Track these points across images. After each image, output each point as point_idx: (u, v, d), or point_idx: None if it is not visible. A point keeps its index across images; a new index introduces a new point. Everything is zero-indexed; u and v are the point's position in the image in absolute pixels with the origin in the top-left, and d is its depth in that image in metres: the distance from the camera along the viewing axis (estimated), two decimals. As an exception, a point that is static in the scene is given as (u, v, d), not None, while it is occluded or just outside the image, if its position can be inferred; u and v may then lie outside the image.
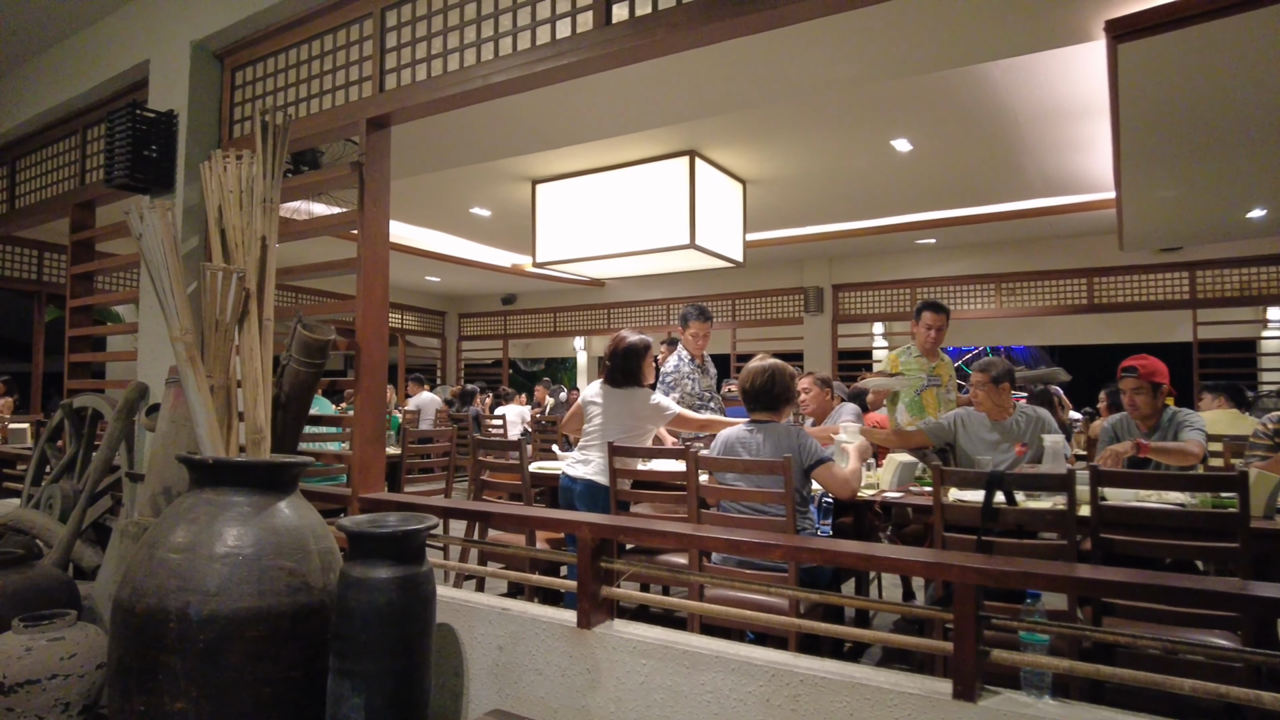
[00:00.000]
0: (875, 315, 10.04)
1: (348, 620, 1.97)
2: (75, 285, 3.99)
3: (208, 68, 3.32)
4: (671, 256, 6.15)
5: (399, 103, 2.70)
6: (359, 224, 2.72)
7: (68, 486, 3.55)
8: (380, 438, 2.70)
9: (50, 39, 4.05)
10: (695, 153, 5.85)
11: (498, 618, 2.29)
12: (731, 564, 2.64)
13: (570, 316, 12.69)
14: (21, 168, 4.68)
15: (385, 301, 2.77)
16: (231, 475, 2.05)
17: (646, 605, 2.18)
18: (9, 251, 7.40)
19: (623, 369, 3.34)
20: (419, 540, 2.05)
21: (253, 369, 2.13)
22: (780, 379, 2.85)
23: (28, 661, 2.20)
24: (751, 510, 2.72)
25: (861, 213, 8.10)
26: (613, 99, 4.48)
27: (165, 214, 2.03)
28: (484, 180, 6.87)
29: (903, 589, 4.25)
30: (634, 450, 3.09)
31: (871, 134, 5.66)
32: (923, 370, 4.37)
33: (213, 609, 1.89)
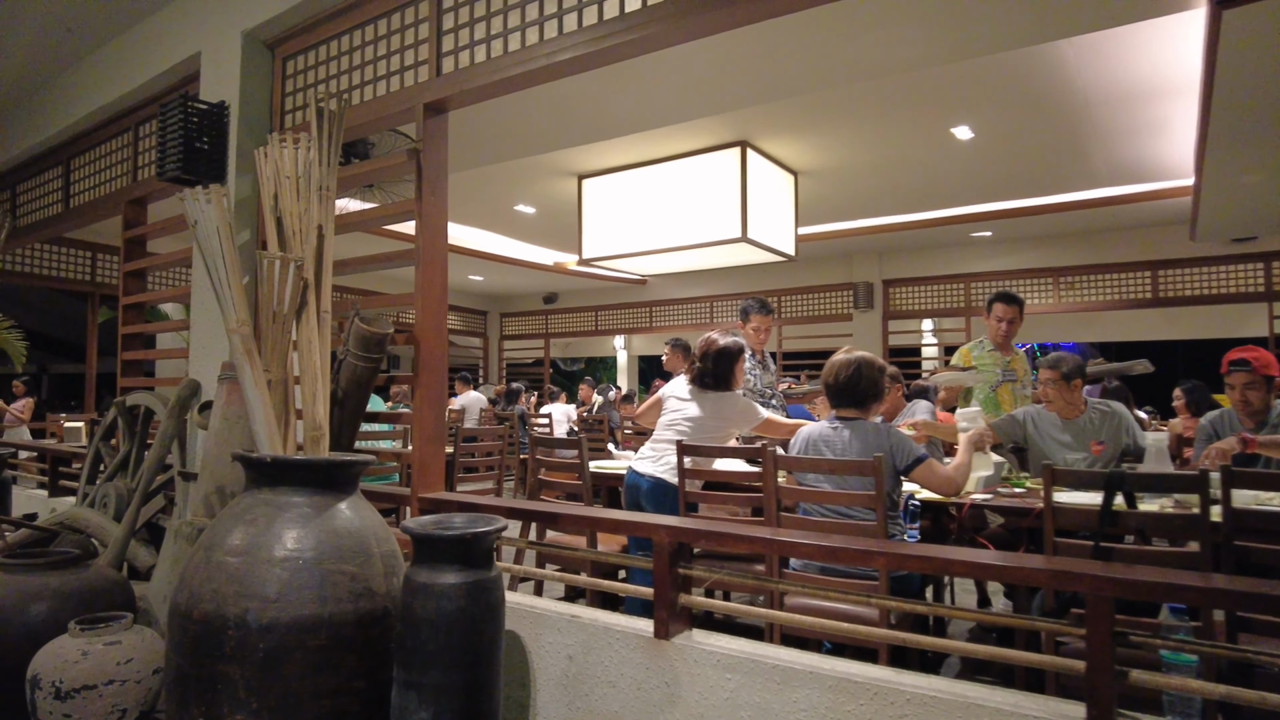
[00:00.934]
0: (927, 311, 9.75)
1: (414, 629, 1.86)
2: (128, 282, 3.97)
3: (259, 58, 3.25)
4: (722, 251, 5.98)
5: (457, 86, 2.59)
6: (417, 214, 2.61)
7: (122, 485, 3.51)
8: (441, 435, 2.59)
9: (103, 36, 4.03)
10: (747, 143, 5.68)
11: (567, 625, 2.16)
12: (811, 570, 2.48)
13: (612, 315, 12.57)
14: (76, 167, 4.69)
15: (444, 294, 2.66)
16: (290, 474, 1.95)
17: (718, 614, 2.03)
18: (63, 253, 7.49)
19: (714, 372, 3.21)
20: (488, 543, 1.93)
21: (311, 363, 2.02)
22: (868, 373, 2.68)
23: (84, 666, 2.12)
24: (835, 514, 2.55)
25: (915, 205, 7.85)
26: (664, 87, 4.34)
27: (220, 199, 1.93)
28: (529, 176, 6.78)
29: (978, 596, 4.04)
30: (705, 449, 2.95)
31: (931, 121, 5.44)
32: (997, 365, 4.16)
33: (272, 616, 1.79)
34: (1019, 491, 2.99)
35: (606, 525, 2.15)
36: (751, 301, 4.29)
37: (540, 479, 3.30)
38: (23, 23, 3.94)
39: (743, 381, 3.37)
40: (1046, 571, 1.50)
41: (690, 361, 3.30)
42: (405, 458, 2.56)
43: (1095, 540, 1.86)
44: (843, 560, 1.74)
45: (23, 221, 5.21)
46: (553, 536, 3.36)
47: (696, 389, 3.25)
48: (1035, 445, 3.59)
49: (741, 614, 2.01)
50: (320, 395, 2.03)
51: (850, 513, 2.52)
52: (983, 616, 1.60)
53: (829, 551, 1.75)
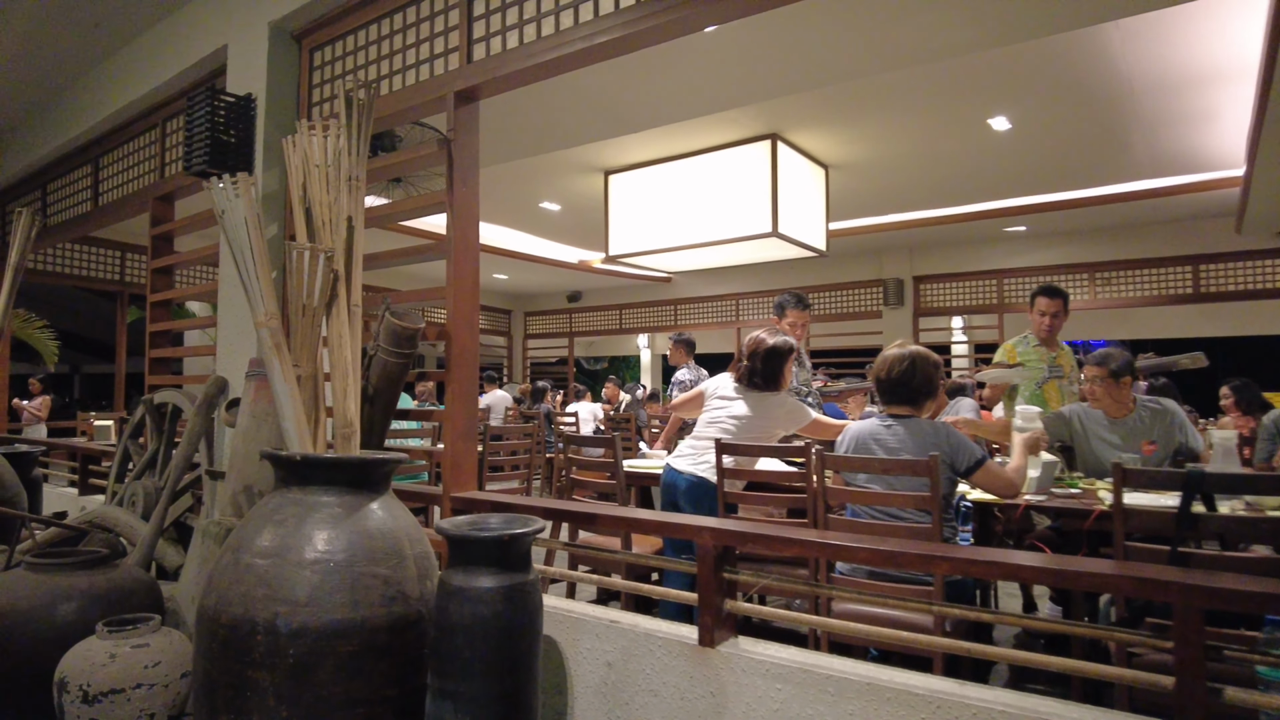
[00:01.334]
0: (958, 308, 9.56)
1: (448, 635, 1.78)
2: (155, 280, 3.94)
3: (286, 49, 3.20)
4: (752, 246, 5.87)
5: (489, 73, 2.51)
6: (448, 205, 2.54)
7: (150, 484, 3.47)
8: (473, 433, 2.51)
9: (131, 31, 4.01)
10: (777, 136, 5.57)
11: (605, 631, 2.07)
12: (859, 575, 2.37)
13: (636, 313, 12.49)
14: (104, 164, 4.68)
15: (476, 288, 2.59)
16: (321, 473, 1.87)
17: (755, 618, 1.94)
18: (93, 253, 7.53)
19: (763, 372, 3.11)
20: (526, 545, 1.85)
21: (342, 358, 1.95)
22: (923, 368, 2.56)
23: (112, 670, 2.07)
24: (886, 516, 2.44)
25: (947, 199, 7.68)
26: (693, 78, 4.25)
27: (249, 188, 1.86)
28: (555, 173, 6.70)
29: (1023, 600, 3.90)
30: (746, 448, 2.85)
31: (967, 111, 5.29)
32: (1042, 361, 4.02)
33: (302, 621, 1.71)
34: (1074, 492, 2.86)
35: (647, 527, 2.06)
36: (787, 296, 4.18)
37: (573, 478, 3.22)
38: (52, 20, 3.93)
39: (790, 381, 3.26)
40: (1131, 579, 1.38)
41: (737, 359, 3.20)
42: (436, 456, 2.47)
43: (1172, 545, 1.75)
44: (902, 565, 1.64)
45: (53, 220, 5.21)
46: (585, 537, 3.28)
47: (745, 390, 3.15)
48: (1081, 445, 3.45)
49: (791, 621, 1.90)
50: (351, 391, 1.96)
51: (903, 515, 2.41)
52: (1057, 627, 1.49)
53: (888, 556, 1.65)
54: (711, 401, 3.19)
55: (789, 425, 3.13)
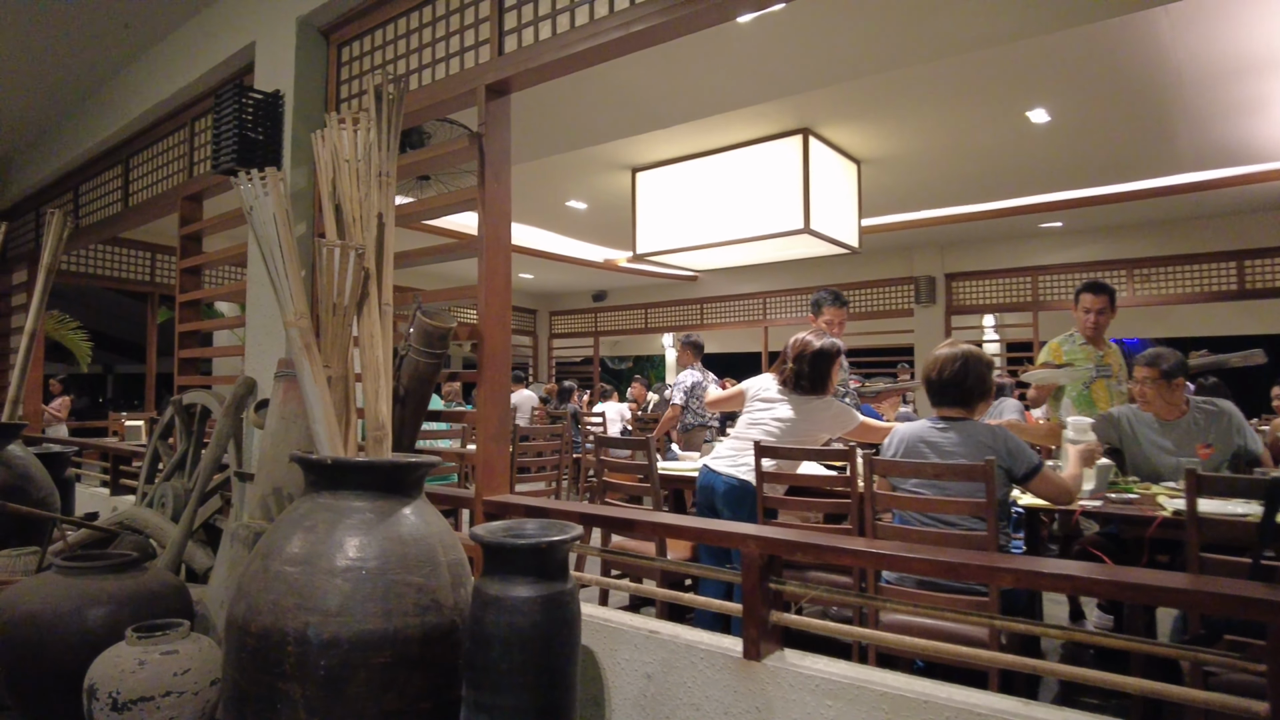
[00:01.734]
0: (992, 306, 9.37)
1: (484, 646, 1.71)
2: (184, 280, 3.92)
3: (313, 45, 3.16)
4: (782, 243, 5.77)
5: (521, 65, 2.44)
6: (479, 201, 2.47)
7: (179, 485, 3.45)
8: (505, 434, 2.45)
9: (160, 30, 3.99)
10: (809, 131, 5.46)
11: (644, 641, 1.99)
12: (907, 584, 2.27)
13: (662, 312, 12.40)
14: (134, 165, 4.68)
15: (508, 286, 2.52)
16: (352, 477, 1.81)
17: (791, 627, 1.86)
18: (124, 254, 7.59)
19: (810, 375, 3.01)
20: (563, 553, 1.77)
21: (373, 358, 1.89)
22: (976, 368, 2.45)
23: (141, 677, 2.02)
24: (936, 522, 2.33)
25: (982, 194, 7.52)
26: (723, 71, 4.16)
27: (277, 183, 1.81)
28: (582, 171, 6.64)
29: (1070, 608, 3.77)
30: (788, 451, 2.76)
31: (1005, 104, 5.15)
32: (1090, 360, 3.88)
33: (334, 631, 1.65)
34: (1131, 498, 2.74)
35: (687, 534, 1.98)
36: (824, 293, 4.08)
37: (605, 481, 3.14)
38: (82, 20, 3.92)
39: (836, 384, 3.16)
40: (1226, 597, 1.28)
41: (780, 361, 3.11)
42: (469, 458, 2.41)
43: (1254, 558, 1.64)
44: (962, 577, 1.54)
45: (85, 222, 5.23)
46: (617, 541, 3.21)
47: (790, 394, 3.05)
48: (1131, 448, 3.32)
49: (834, 632, 1.81)
50: (384, 393, 1.90)
51: (956, 521, 2.31)
52: (1139, 646, 1.38)
53: (948, 567, 1.55)
54: (753, 403, 3.09)
55: (835, 429, 3.03)
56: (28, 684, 2.26)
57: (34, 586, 2.33)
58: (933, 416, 2.50)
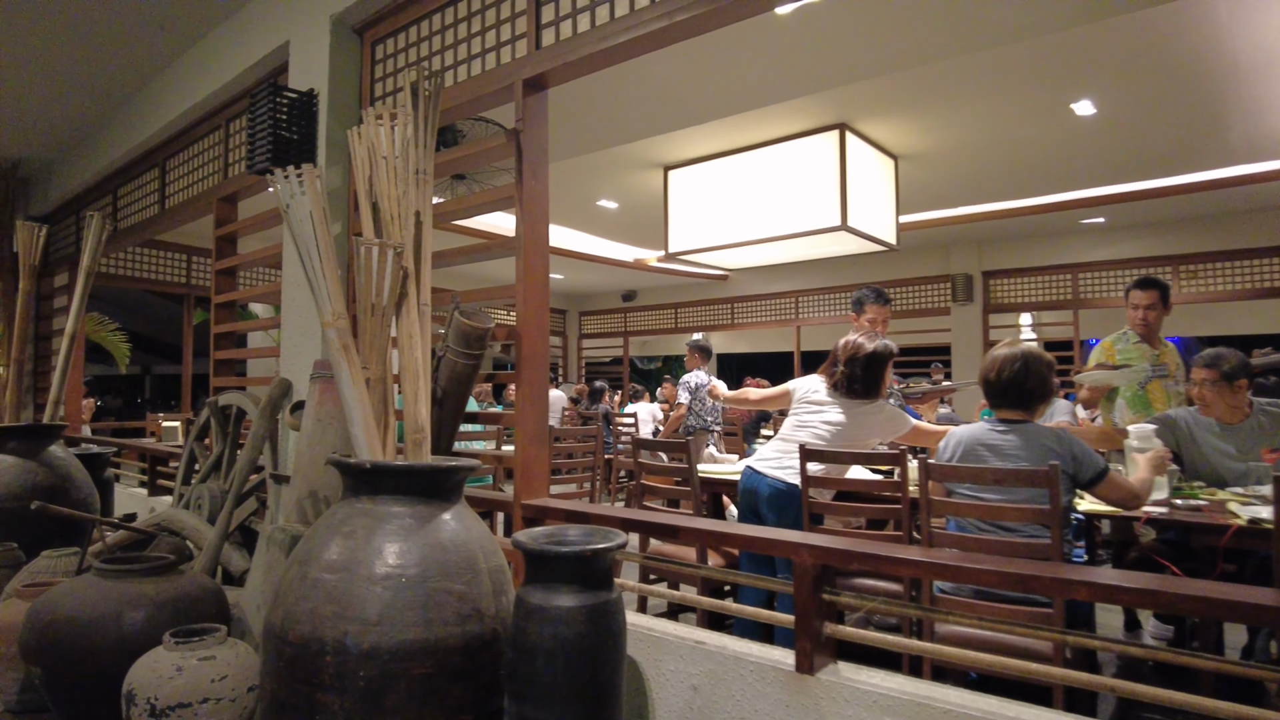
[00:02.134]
0: (1031, 304, 9.16)
1: (527, 657, 1.65)
2: (219, 281, 3.92)
3: (347, 43, 3.13)
4: (819, 241, 5.67)
5: (559, 59, 2.38)
6: (517, 199, 2.42)
7: (215, 486, 3.44)
8: (543, 436, 2.39)
9: (196, 32, 4.00)
10: (846, 126, 5.35)
11: (690, 652, 1.93)
12: (963, 594, 2.18)
13: (692, 312, 12.32)
14: (170, 168, 4.70)
15: (546, 286, 2.46)
16: (391, 481, 1.76)
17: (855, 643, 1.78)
18: (161, 256, 7.67)
19: (864, 379, 2.92)
20: (608, 561, 1.71)
21: (412, 359, 1.84)
22: (1036, 369, 2.35)
23: (179, 683, 1.99)
24: (996, 529, 2.23)
25: (1021, 190, 7.35)
26: (758, 66, 4.09)
27: (314, 180, 1.76)
28: (613, 170, 6.58)
29: (1124, 618, 3.62)
30: (835, 454, 2.67)
31: (1049, 95, 5.00)
32: (1145, 359, 3.73)
33: (374, 641, 1.60)
34: (1200, 504, 2.61)
35: (735, 541, 1.90)
36: (866, 291, 3.97)
37: (644, 484, 3.08)
38: (119, 23, 3.94)
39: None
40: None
41: (829, 363, 3.02)
42: (506, 460, 2.36)
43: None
44: (1033, 589, 1.45)
45: (123, 224, 5.28)
46: (654, 546, 3.14)
47: (842, 398, 2.95)
48: (1191, 452, 3.18)
49: (901, 648, 1.73)
50: (423, 394, 1.85)
51: (1016, 528, 2.20)
52: (1233, 667, 1.29)
53: (1018, 580, 1.46)
54: (801, 405, 3.00)
55: (887, 434, 2.93)
56: (67, 687, 2.24)
57: (73, 589, 2.32)
58: (991, 419, 2.40)
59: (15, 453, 3.48)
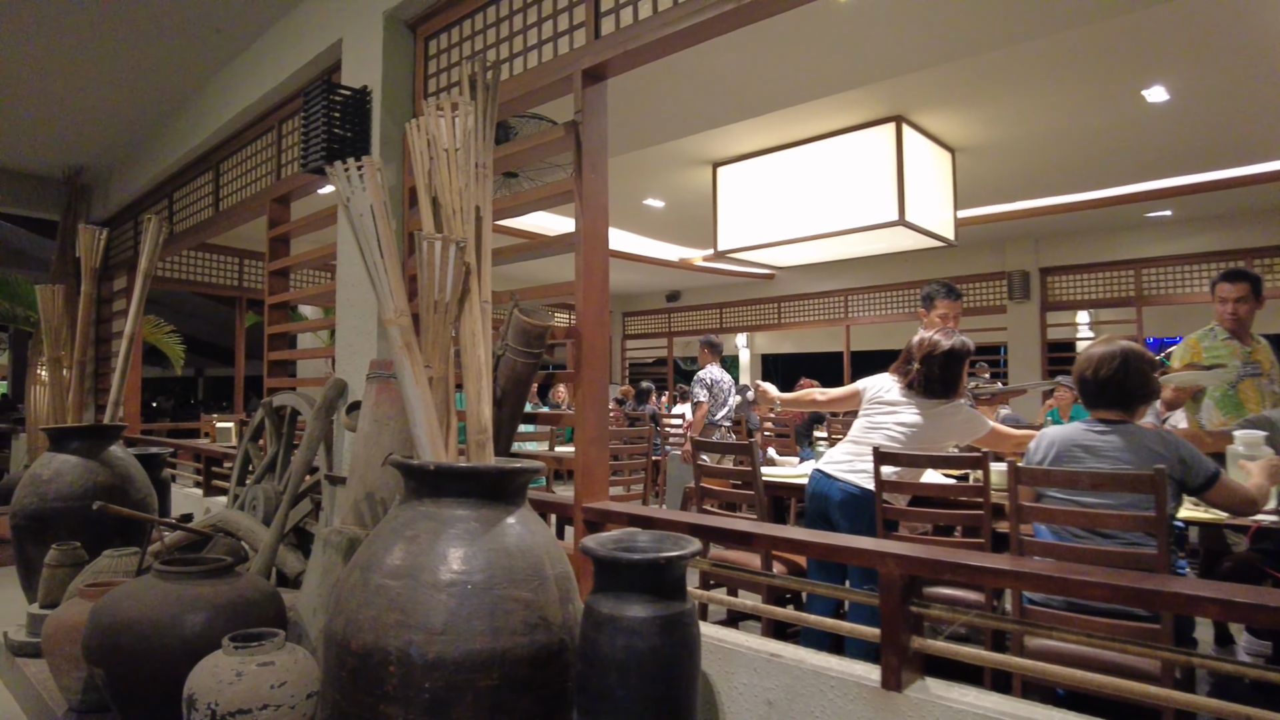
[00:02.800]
0: (1091, 301, 8.85)
1: (599, 670, 1.57)
2: (273, 282, 3.92)
3: (400, 39, 3.09)
4: (874, 237, 5.52)
5: (619, 47, 2.30)
6: (576, 193, 2.35)
7: (270, 487, 3.44)
8: (604, 438, 2.32)
9: (250, 34, 4.01)
10: (902, 118, 5.19)
11: (765, 665, 1.83)
12: (1053, 606, 2.04)
13: (737, 312, 12.18)
14: (224, 170, 4.74)
15: (606, 283, 2.39)
16: (455, 484, 1.70)
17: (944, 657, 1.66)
18: (213, 260, 7.79)
19: (941, 378, 2.79)
20: (682, 570, 1.62)
21: (474, 358, 1.78)
22: (1137, 366, 2.20)
23: (239, 689, 1.95)
24: (1095, 537, 2.09)
25: (1083, 183, 7.08)
26: (812, 57, 3.99)
27: (374, 171, 1.70)
28: (660, 167, 6.50)
29: (1215, 631, 3.43)
30: (911, 458, 2.55)
31: (1118, 82, 4.79)
32: (1236, 356, 3.52)
33: (439, 651, 1.53)
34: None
35: (814, 549, 1.80)
36: (936, 286, 3.82)
37: (702, 487, 2.98)
38: (176, 28, 3.97)
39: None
40: None
41: (903, 361, 2.89)
42: (566, 462, 2.28)
43: None
44: (1152, 605, 1.33)
45: (178, 227, 5.35)
46: (714, 552, 3.04)
47: (918, 397, 2.82)
48: None
49: (996, 663, 1.61)
50: (485, 394, 1.78)
51: (1117, 537, 2.06)
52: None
53: (1135, 595, 1.34)
54: (872, 405, 2.87)
55: (964, 436, 2.78)
56: (129, 688, 2.23)
57: (134, 591, 2.30)
58: (1087, 420, 2.25)
59: (78, 453, 3.52)
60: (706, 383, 6.31)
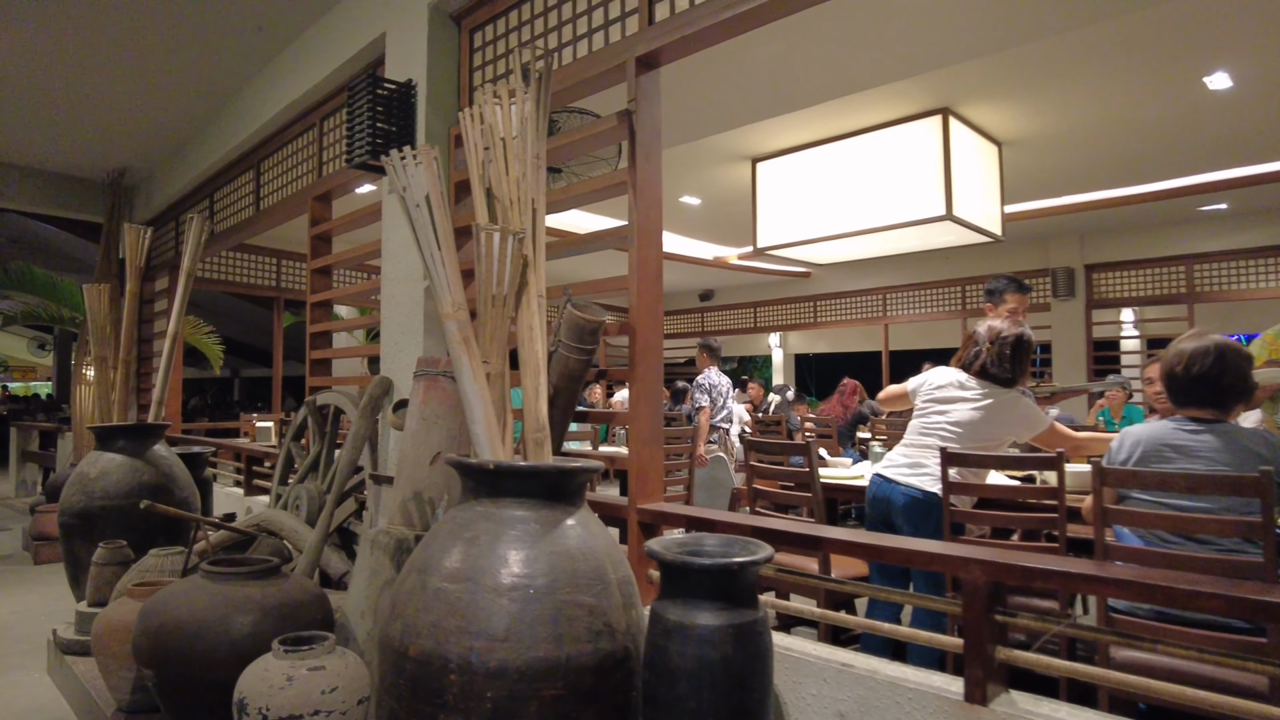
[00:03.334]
0: (1140, 299, 8.58)
1: (667, 680, 1.49)
2: (315, 280, 3.90)
3: (445, 32, 3.04)
4: (919, 232, 5.37)
5: (675, 33, 2.22)
6: (629, 184, 2.28)
7: (313, 487, 3.41)
8: (659, 437, 2.24)
9: (292, 30, 4.00)
10: (949, 110, 5.05)
11: (836, 676, 1.74)
12: (1140, 615, 1.93)
13: (772, 311, 12.03)
14: (265, 169, 4.74)
15: (659, 277, 2.31)
16: (513, 484, 1.63)
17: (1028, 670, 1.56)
18: (252, 260, 7.84)
19: (1011, 359, 2.67)
20: (755, 575, 1.54)
21: (533, 353, 1.71)
22: (1234, 362, 2.07)
23: (290, 694, 1.91)
24: (1184, 542, 1.96)
25: (1133, 176, 6.85)
26: (857, 48, 3.89)
27: (431, 160, 1.64)
28: (698, 164, 6.41)
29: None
30: (979, 458, 2.44)
31: (1178, 69, 4.60)
32: (1319, 351, 3.34)
33: (501, 659, 1.47)
34: None
35: (892, 555, 1.71)
36: (1003, 280, 3.69)
37: (755, 488, 2.90)
38: (218, 26, 3.97)
39: None
40: None
41: (968, 347, 2.78)
42: (619, 462, 2.22)
43: None
44: (1275, 618, 1.22)
45: (219, 227, 5.37)
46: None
47: (979, 381, 2.70)
48: None
49: (1086, 677, 1.50)
50: (543, 390, 1.71)
51: (1213, 543, 1.93)
52: None
53: (1259, 607, 1.23)
54: (926, 405, 2.75)
55: (1023, 430, 2.66)
56: (178, 691, 2.20)
57: (182, 592, 2.28)
58: (1178, 419, 2.12)
59: (123, 451, 3.52)
60: (705, 387, 6.23)
